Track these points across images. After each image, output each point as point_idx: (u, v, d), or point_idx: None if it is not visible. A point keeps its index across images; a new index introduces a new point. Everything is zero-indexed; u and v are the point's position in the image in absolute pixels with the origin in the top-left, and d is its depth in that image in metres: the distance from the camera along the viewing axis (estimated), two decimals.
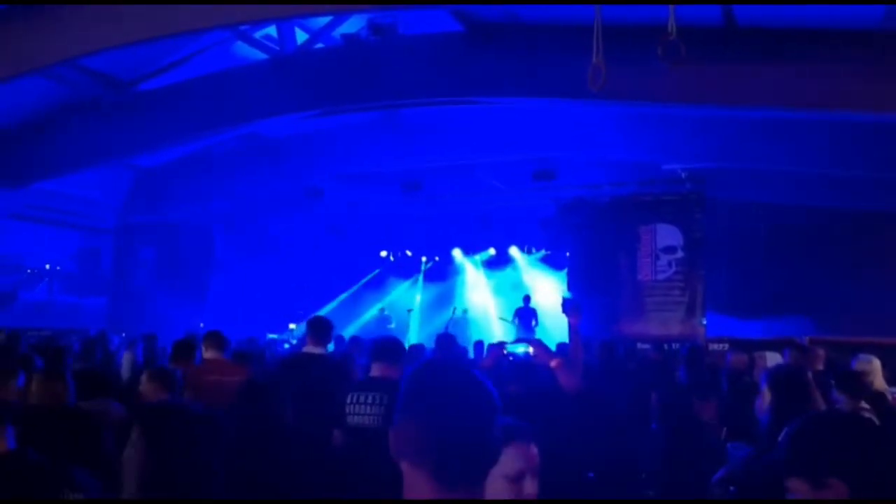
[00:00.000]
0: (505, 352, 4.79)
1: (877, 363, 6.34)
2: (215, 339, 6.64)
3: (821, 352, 7.63)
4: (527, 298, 16.01)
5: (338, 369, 5.93)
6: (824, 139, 11.45)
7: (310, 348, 6.04)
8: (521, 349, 4.69)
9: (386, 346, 4.88)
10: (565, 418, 4.23)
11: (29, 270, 16.74)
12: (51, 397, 4.16)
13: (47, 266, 17.09)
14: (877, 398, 5.21)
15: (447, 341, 5.93)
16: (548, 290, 16.28)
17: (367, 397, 4.55)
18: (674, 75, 6.29)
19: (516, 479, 2.25)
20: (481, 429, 1.60)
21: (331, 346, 7.57)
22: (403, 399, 1.64)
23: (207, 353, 6.56)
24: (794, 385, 3.38)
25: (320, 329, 6.04)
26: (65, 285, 17.52)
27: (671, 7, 5.52)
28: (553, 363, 4.33)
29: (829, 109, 9.49)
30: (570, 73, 6.52)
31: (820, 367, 7.35)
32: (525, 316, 15.68)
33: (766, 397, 3.47)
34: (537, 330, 15.03)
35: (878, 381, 6.20)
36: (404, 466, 1.59)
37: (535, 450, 2.33)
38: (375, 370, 4.71)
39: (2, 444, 2.79)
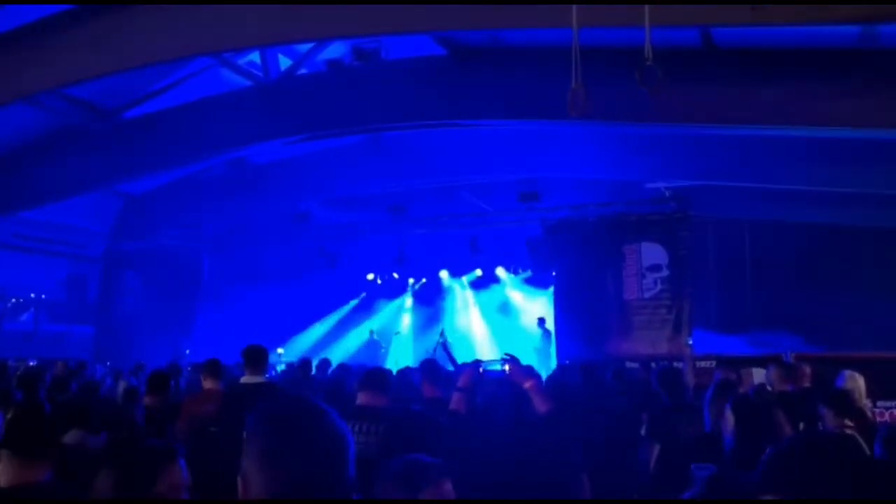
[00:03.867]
0: (481, 370, 4.76)
1: (860, 380, 6.40)
2: (213, 368, 6.62)
3: (807, 369, 7.67)
4: (541, 321, 15.97)
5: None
6: (806, 156, 11.56)
7: (249, 378, 5.87)
8: (496, 367, 4.64)
9: (372, 375, 4.91)
10: (550, 440, 4.21)
11: (14, 300, 16.60)
12: None
13: (32, 295, 16.96)
14: (859, 415, 5.25)
15: (432, 368, 5.91)
16: (534, 311, 16.32)
17: (351, 426, 4.53)
18: (655, 96, 6.37)
19: None
20: (326, 467, 1.58)
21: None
22: (246, 444, 1.60)
23: (206, 384, 6.54)
24: (756, 412, 3.43)
25: (257, 358, 5.92)
26: (51, 314, 17.38)
27: (647, 31, 5.58)
28: (527, 384, 4.22)
29: (809, 127, 9.58)
30: (553, 94, 6.55)
31: (806, 383, 7.39)
32: (543, 337, 15.67)
33: (729, 420, 3.52)
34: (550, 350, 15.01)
35: (861, 398, 6.26)
36: None
37: (448, 485, 2.40)
38: (361, 399, 4.71)
39: None
